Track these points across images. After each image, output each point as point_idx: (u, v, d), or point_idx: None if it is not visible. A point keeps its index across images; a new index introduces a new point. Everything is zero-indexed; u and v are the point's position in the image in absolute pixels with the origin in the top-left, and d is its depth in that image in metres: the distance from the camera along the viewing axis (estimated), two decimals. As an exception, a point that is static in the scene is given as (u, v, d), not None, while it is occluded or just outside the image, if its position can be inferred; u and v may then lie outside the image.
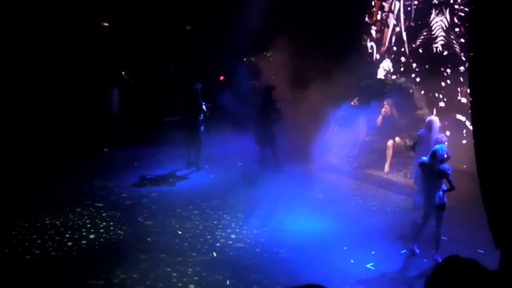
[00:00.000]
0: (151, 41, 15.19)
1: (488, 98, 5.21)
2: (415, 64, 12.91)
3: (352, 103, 12.55)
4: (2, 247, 7.40)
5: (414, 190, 8.54)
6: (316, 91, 12.34)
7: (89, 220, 8.49)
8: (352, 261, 7.22)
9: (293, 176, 10.53)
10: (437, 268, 2.48)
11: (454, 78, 11.68)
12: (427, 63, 12.52)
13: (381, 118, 11.62)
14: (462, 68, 11.33)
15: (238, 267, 6.99)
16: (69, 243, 7.61)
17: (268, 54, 15.46)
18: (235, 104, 13.20)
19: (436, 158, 7.11)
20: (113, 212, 8.86)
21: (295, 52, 13.42)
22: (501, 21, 4.98)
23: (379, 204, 9.69)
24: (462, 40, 11.53)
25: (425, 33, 12.61)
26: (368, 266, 7.10)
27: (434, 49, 12.36)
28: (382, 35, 13.95)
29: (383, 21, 13.93)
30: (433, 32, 12.36)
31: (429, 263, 7.18)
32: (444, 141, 7.74)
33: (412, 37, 12.99)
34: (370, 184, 10.89)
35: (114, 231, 8.11)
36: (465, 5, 11.37)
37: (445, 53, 12.09)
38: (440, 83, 12.02)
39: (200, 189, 10.21)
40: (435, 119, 8.74)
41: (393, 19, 13.61)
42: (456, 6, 11.83)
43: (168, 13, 15.55)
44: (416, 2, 12.87)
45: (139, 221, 8.56)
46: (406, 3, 13.18)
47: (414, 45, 12.94)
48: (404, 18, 13.27)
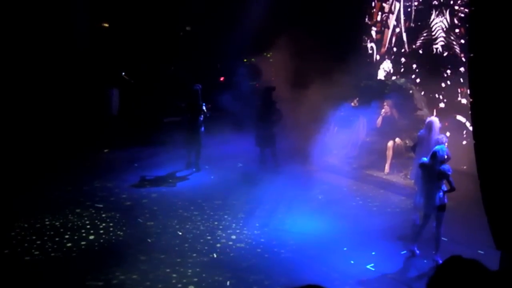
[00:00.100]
0: (151, 42, 15.20)
1: (488, 99, 5.20)
2: (415, 65, 12.90)
3: (352, 104, 12.56)
4: (1, 248, 7.40)
5: (414, 191, 8.53)
6: (316, 92, 12.34)
7: (88, 221, 8.48)
8: (352, 261, 7.21)
9: (293, 177, 10.54)
10: (439, 268, 2.47)
11: (454, 79, 11.67)
12: (427, 64, 12.52)
13: (381, 119, 11.62)
14: (462, 69, 11.32)
15: (238, 268, 6.97)
16: (69, 244, 7.60)
17: (268, 55, 15.46)
18: (235, 104, 13.21)
19: (436, 159, 7.10)
20: (113, 213, 8.85)
21: (295, 52, 13.41)
22: (501, 22, 4.97)
23: (379, 205, 9.69)
24: (462, 41, 11.53)
25: (425, 34, 12.61)
26: (368, 267, 7.09)
27: (434, 50, 12.36)
28: (382, 36, 13.95)
29: (383, 22, 13.94)
30: (433, 33, 12.35)
31: (429, 264, 7.17)
32: (444, 142, 7.73)
33: (412, 38, 12.99)
34: (370, 185, 10.89)
35: (114, 232, 8.10)
36: (465, 6, 11.37)
37: (445, 54, 12.08)
38: (440, 84, 12.02)
39: (200, 190, 10.21)
40: (435, 120, 8.72)
41: (393, 20, 13.61)
42: (456, 7, 11.82)
43: (168, 14, 15.56)
44: (416, 3, 12.87)
45: (139, 222, 8.55)
46: (406, 4, 13.18)
47: (414, 46, 12.94)
48: (404, 19, 13.27)
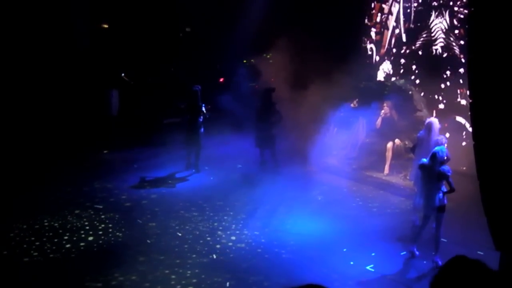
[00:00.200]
0: (151, 43, 15.20)
1: (487, 100, 5.20)
2: (414, 66, 12.91)
3: (352, 104, 12.57)
4: (0, 249, 7.39)
5: (414, 192, 8.53)
6: (315, 93, 12.34)
7: (87, 222, 8.47)
8: (352, 262, 7.21)
9: (293, 178, 10.54)
10: (443, 268, 2.46)
11: (454, 80, 11.68)
12: (426, 65, 12.52)
13: (381, 120, 11.63)
14: (462, 70, 11.32)
15: (238, 269, 6.96)
16: (68, 245, 7.59)
17: (268, 56, 15.45)
18: (235, 105, 13.20)
19: (436, 160, 7.10)
20: (112, 214, 8.85)
21: (295, 53, 13.42)
22: (501, 23, 4.97)
23: (379, 206, 9.68)
24: (462, 42, 11.53)
25: (424, 35, 12.61)
26: (368, 267, 7.08)
27: (433, 51, 12.36)
28: (382, 37, 13.96)
29: (383, 23, 13.94)
30: (432, 34, 12.36)
31: (429, 265, 7.17)
32: (444, 143, 7.73)
33: (411, 39, 13.00)
34: (370, 186, 10.89)
35: (113, 233, 8.09)
36: (464, 7, 11.38)
37: (445, 55, 12.09)
38: (440, 85, 12.02)
39: (200, 191, 10.20)
40: (434, 121, 8.72)
41: (392, 21, 13.62)
42: (455, 8, 11.83)
43: (168, 15, 15.57)
44: (415, 4, 12.88)
45: (138, 223, 8.54)
46: (405, 5, 13.19)
47: (413, 47, 12.94)
48: (403, 20, 13.28)
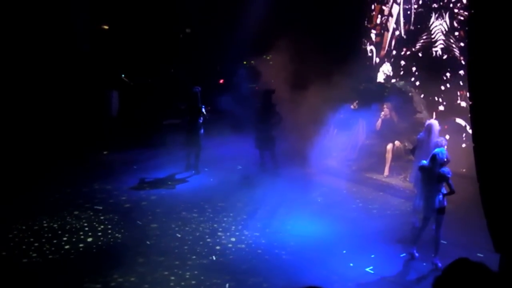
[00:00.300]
0: (151, 44, 15.21)
1: (487, 102, 5.19)
2: (414, 68, 12.91)
3: (351, 106, 12.57)
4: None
5: (414, 193, 8.53)
6: (315, 94, 12.34)
7: (87, 223, 8.46)
8: (351, 264, 7.20)
9: (293, 179, 10.53)
10: (446, 270, 2.45)
11: (454, 81, 11.68)
12: (426, 67, 12.52)
13: (381, 121, 11.63)
14: (462, 72, 11.32)
15: (237, 270, 6.95)
16: (67, 246, 7.57)
17: (268, 57, 15.46)
18: (235, 107, 13.20)
19: (436, 162, 7.09)
20: (112, 215, 8.84)
21: (295, 55, 13.42)
22: (501, 25, 4.97)
23: (379, 208, 9.68)
24: (462, 44, 11.53)
25: (424, 37, 12.62)
26: (367, 269, 7.07)
27: (433, 53, 12.36)
28: (382, 39, 13.97)
29: (383, 25, 13.95)
30: (432, 36, 12.36)
31: (429, 267, 7.16)
32: (443, 144, 7.73)
33: (411, 41, 13.00)
34: (370, 188, 10.89)
35: (112, 234, 8.08)
36: (464, 9, 11.38)
37: (445, 57, 12.09)
38: (440, 87, 12.02)
39: (200, 192, 10.20)
40: (434, 122, 8.72)
41: (392, 23, 13.62)
42: (455, 10, 11.84)
43: (168, 16, 15.58)
44: (415, 6, 12.89)
45: (138, 224, 8.53)
46: (405, 7, 13.20)
47: (413, 49, 12.95)
48: (403, 22, 13.29)
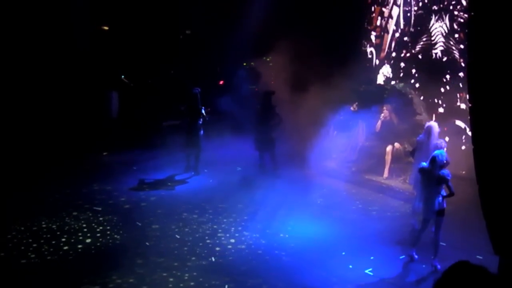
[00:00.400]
0: (151, 45, 15.22)
1: (487, 104, 5.19)
2: (414, 70, 12.91)
3: (351, 108, 12.57)
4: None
5: (413, 195, 8.52)
6: (315, 96, 12.36)
7: (86, 224, 8.46)
8: (350, 266, 7.19)
9: (292, 181, 10.54)
10: (445, 273, 2.45)
11: (454, 84, 11.67)
12: (426, 69, 12.52)
13: (380, 123, 11.63)
14: (462, 74, 11.32)
15: (236, 271, 6.94)
16: (65, 247, 7.57)
17: (268, 59, 15.47)
18: (235, 108, 13.21)
19: (435, 164, 7.09)
20: (111, 216, 8.83)
21: (295, 56, 13.43)
22: (500, 27, 4.97)
23: (378, 209, 9.67)
24: (462, 46, 11.53)
25: (424, 39, 12.62)
26: (366, 271, 7.07)
27: (433, 55, 12.36)
28: (382, 41, 13.97)
29: (383, 27, 13.96)
30: (432, 38, 12.36)
31: (428, 269, 7.16)
32: (443, 146, 7.74)
33: (411, 43, 13.01)
34: (369, 189, 10.88)
35: (111, 235, 8.07)
36: (464, 11, 11.39)
37: (445, 59, 12.09)
38: (440, 89, 12.01)
39: (199, 193, 10.19)
40: (434, 124, 8.72)
41: (392, 25, 13.63)
42: (455, 12, 11.84)
43: (168, 17, 15.59)
44: (415, 8, 12.89)
45: (137, 225, 8.53)
46: (405, 9, 13.20)
47: (413, 51, 12.95)
48: (403, 24, 13.30)
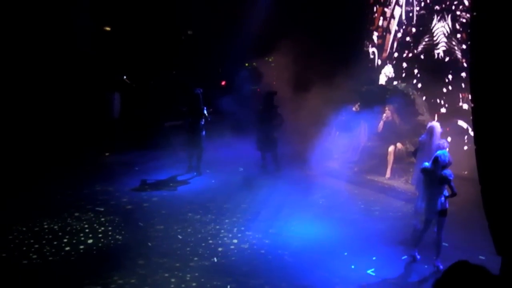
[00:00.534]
0: (152, 46, 15.24)
1: (489, 104, 5.19)
2: (416, 70, 12.90)
3: (353, 108, 12.55)
4: None
5: (415, 195, 8.52)
6: (317, 96, 12.35)
7: (88, 225, 8.46)
8: (353, 266, 7.18)
9: (294, 181, 10.53)
10: (445, 273, 2.45)
11: (456, 84, 11.67)
12: (428, 69, 12.51)
13: (382, 123, 11.62)
14: (464, 74, 11.31)
15: (239, 272, 6.94)
16: (67, 248, 7.57)
17: (270, 59, 15.48)
18: (237, 108, 13.21)
19: (438, 164, 7.08)
20: (113, 217, 8.84)
21: (297, 57, 13.44)
22: (503, 28, 4.97)
23: (380, 210, 9.66)
24: (464, 46, 11.53)
25: (427, 39, 12.61)
26: (369, 271, 7.06)
27: (435, 55, 12.36)
28: (384, 41, 13.96)
29: (385, 27, 13.94)
30: (434, 38, 12.36)
31: (430, 269, 7.14)
32: (445, 147, 7.73)
33: (414, 43, 13.00)
34: (371, 190, 10.86)
35: (113, 236, 8.08)
36: (466, 12, 11.38)
37: (447, 59, 12.08)
38: (442, 89, 12.01)
39: (201, 194, 10.19)
40: (436, 125, 8.71)
41: (395, 25, 13.62)
42: (457, 12, 11.83)
43: (170, 18, 15.60)
44: (418, 8, 12.89)
45: (139, 225, 8.53)
46: (408, 9, 13.20)
47: (416, 51, 12.94)
48: (406, 24, 13.28)
